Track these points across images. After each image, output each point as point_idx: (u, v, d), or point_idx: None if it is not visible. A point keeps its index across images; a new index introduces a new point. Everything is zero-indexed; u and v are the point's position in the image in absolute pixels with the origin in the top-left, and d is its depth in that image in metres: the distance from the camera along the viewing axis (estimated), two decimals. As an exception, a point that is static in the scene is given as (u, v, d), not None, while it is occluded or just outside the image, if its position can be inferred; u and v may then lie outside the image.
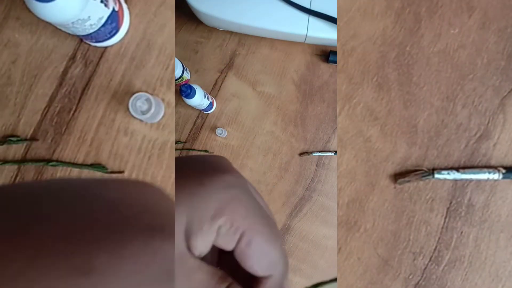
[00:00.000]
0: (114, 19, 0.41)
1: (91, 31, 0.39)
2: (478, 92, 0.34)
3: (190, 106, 0.79)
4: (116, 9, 0.41)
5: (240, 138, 0.80)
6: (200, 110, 0.79)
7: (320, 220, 0.79)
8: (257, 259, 0.17)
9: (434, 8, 0.34)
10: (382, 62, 0.35)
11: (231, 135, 0.80)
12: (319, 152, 0.78)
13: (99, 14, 0.38)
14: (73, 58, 0.44)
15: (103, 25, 0.40)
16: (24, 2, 0.44)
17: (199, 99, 0.69)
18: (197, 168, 0.18)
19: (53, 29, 0.44)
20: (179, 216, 0.16)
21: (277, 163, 0.79)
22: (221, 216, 0.16)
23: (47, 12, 0.34)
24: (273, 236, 0.17)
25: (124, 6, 0.44)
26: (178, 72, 0.70)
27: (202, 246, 0.16)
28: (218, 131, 0.77)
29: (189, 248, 0.16)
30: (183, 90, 0.65)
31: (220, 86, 0.80)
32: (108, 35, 0.42)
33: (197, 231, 0.16)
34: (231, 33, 0.80)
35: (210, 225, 0.16)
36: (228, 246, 0.17)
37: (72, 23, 0.36)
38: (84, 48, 0.44)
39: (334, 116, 0.79)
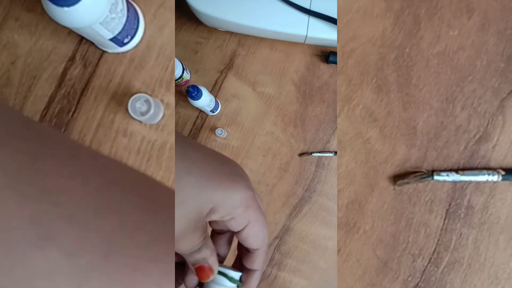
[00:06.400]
0: (133, 15, 0.41)
1: (120, 26, 0.39)
2: (478, 93, 0.34)
3: (189, 106, 0.79)
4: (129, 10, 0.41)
5: (240, 138, 0.80)
6: (204, 111, 0.79)
7: (320, 220, 0.79)
8: (256, 238, 0.25)
9: (433, 10, 0.34)
10: (381, 63, 0.35)
11: (231, 135, 0.80)
12: (319, 152, 0.78)
13: (120, 6, 0.39)
14: (72, 59, 0.44)
15: (127, 20, 0.40)
16: (23, 3, 0.44)
17: (207, 101, 0.69)
18: (226, 166, 0.25)
19: (52, 30, 0.44)
20: (214, 197, 0.23)
21: (276, 164, 0.79)
22: (241, 207, 0.23)
23: (69, 16, 0.34)
24: (265, 220, 0.25)
25: (137, 8, 0.43)
26: (178, 72, 0.70)
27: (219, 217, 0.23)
28: (218, 131, 0.76)
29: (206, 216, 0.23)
30: (190, 92, 0.64)
31: (220, 86, 0.80)
32: (132, 33, 0.42)
33: (222, 210, 0.23)
34: (231, 33, 0.80)
35: (233, 210, 0.23)
36: (237, 227, 0.24)
37: (100, 23, 0.36)
38: (83, 49, 0.44)
39: (334, 117, 0.79)
